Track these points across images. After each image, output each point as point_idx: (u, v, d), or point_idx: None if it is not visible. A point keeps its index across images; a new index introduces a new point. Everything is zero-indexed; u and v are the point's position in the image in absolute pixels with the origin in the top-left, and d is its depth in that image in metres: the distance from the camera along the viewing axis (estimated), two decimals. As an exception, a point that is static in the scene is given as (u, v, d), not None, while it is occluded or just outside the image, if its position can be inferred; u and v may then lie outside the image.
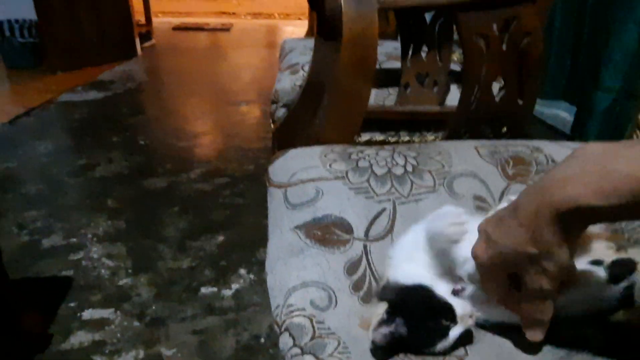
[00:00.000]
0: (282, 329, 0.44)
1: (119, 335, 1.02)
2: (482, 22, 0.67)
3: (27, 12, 3.23)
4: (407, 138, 1.06)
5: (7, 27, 3.24)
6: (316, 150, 0.65)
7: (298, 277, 0.49)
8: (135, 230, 1.41)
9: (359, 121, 0.73)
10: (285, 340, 0.43)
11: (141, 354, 0.98)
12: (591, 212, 0.32)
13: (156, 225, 1.43)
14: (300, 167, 0.62)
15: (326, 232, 0.53)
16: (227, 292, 1.15)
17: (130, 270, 1.23)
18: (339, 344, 0.41)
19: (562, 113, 2.31)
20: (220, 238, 1.37)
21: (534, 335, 0.39)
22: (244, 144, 2.06)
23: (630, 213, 0.32)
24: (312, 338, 0.42)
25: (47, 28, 3.14)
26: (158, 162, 1.87)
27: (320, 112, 0.77)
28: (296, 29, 5.53)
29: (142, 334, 1.03)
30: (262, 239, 1.32)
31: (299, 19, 7.15)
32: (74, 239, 1.36)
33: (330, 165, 0.62)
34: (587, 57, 1.89)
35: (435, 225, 0.45)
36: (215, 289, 1.16)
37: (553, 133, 2.20)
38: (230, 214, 1.50)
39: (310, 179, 0.59)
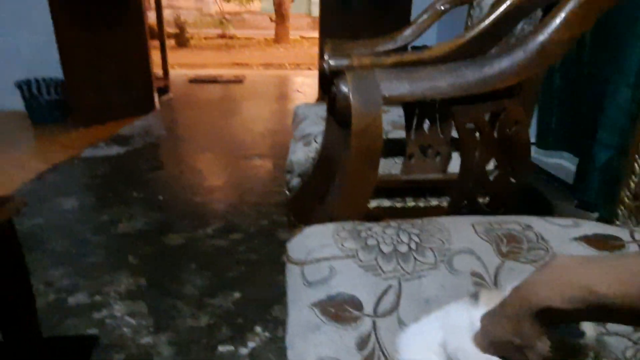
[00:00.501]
0: (302, 403, 0.50)
1: (141, 395, 1.07)
2: (474, 113, 0.75)
3: (54, 71, 3.46)
4: (412, 203, 1.14)
5: (34, 86, 3.46)
6: (329, 229, 0.73)
7: (315, 352, 0.55)
8: (155, 287, 1.48)
9: (368, 198, 0.81)
10: (305, 414, 0.48)
11: (163, 414, 1.02)
12: (558, 313, 0.39)
13: (175, 282, 1.50)
14: (316, 245, 0.69)
15: (339, 310, 0.60)
16: (244, 351, 1.20)
17: (151, 329, 1.28)
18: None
19: (564, 162, 2.38)
20: (237, 295, 1.43)
21: None
22: (257, 198, 2.15)
23: (588, 316, 0.39)
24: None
25: (73, 87, 3.34)
26: (176, 218, 1.96)
27: (332, 190, 0.85)
28: (306, 79, 5.76)
29: (163, 394, 1.07)
30: (277, 296, 1.39)
31: (309, 68, 7.45)
32: (98, 297, 1.43)
33: (342, 244, 0.69)
34: (585, 112, 1.98)
35: (454, 339, 0.50)
36: (232, 348, 1.21)
37: (556, 183, 2.26)
38: (246, 270, 1.57)
39: (324, 258, 0.67)
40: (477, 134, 0.79)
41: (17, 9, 3.58)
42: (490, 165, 0.88)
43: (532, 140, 2.29)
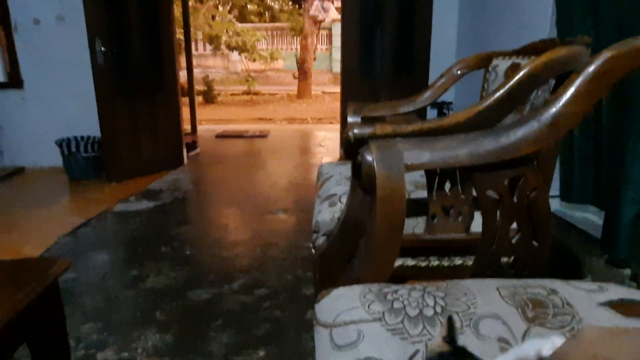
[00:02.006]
0: None
1: None
2: (494, 179, 0.79)
3: (92, 130, 3.68)
4: (436, 262, 1.15)
5: (73, 144, 3.67)
6: (356, 291, 0.76)
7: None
8: (181, 344, 1.50)
9: (393, 262, 0.83)
10: None
11: None
12: None
13: (201, 339, 1.51)
14: (343, 308, 0.72)
15: (368, 374, 0.61)
16: (269, 413, 1.19)
17: (177, 388, 1.29)
18: None
19: (590, 216, 2.36)
20: (261, 353, 1.43)
21: None
22: (281, 254, 2.18)
23: None
24: None
25: (108, 144, 3.53)
26: (202, 273, 1.99)
27: (358, 253, 0.89)
28: (328, 134, 5.91)
29: None
30: (301, 355, 1.38)
31: (331, 122, 7.67)
32: (126, 354, 1.45)
33: (368, 306, 0.71)
34: (608, 167, 1.98)
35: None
36: (258, 409, 1.21)
37: (583, 237, 2.22)
38: (270, 327, 1.57)
39: (352, 321, 0.69)
40: (497, 199, 0.82)
41: (63, 73, 3.87)
42: (513, 226, 0.91)
43: (556, 193, 2.29)
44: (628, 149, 1.72)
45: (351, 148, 0.95)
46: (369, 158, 0.81)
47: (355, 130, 1.01)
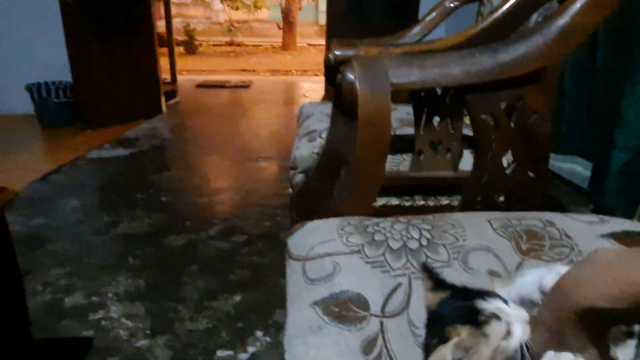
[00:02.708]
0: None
1: (135, 400, 1.02)
2: (489, 102, 0.70)
3: (64, 75, 3.46)
4: (421, 202, 1.08)
5: (44, 89, 3.46)
6: (333, 223, 0.68)
7: (316, 356, 0.50)
8: (154, 289, 1.43)
9: (375, 194, 0.76)
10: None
11: (157, 421, 0.97)
12: (603, 314, 0.33)
13: (175, 284, 1.45)
14: (318, 240, 0.64)
15: (343, 309, 0.55)
16: (243, 356, 1.15)
17: (148, 332, 1.24)
18: None
19: (578, 168, 2.32)
20: (238, 298, 1.38)
21: None
22: (262, 200, 2.11)
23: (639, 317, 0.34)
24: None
25: (82, 90, 3.34)
26: (179, 220, 1.91)
27: (337, 185, 0.81)
28: (313, 85, 5.74)
29: (158, 400, 1.02)
30: (279, 300, 1.33)
31: (316, 74, 7.44)
32: (95, 298, 1.39)
33: (347, 239, 0.64)
34: (600, 115, 1.92)
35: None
36: (231, 352, 1.16)
37: (570, 188, 2.19)
38: (248, 273, 1.52)
39: (327, 254, 0.62)
40: (493, 125, 0.74)
41: (30, 15, 3.60)
42: (507, 158, 0.83)
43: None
44: (624, 93, 1.65)
45: (333, 72, 0.85)
46: (351, 76, 0.72)
47: (337, 52, 0.90)
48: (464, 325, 0.40)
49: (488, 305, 0.40)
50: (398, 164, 1.08)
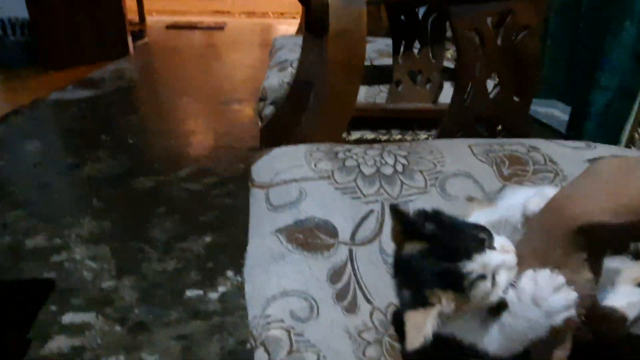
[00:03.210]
0: (258, 343, 0.40)
1: (99, 340, 0.99)
2: (476, 16, 0.63)
3: (21, 11, 3.18)
4: (398, 136, 1.03)
5: (-1, 27, 3.19)
6: (301, 149, 0.62)
7: (278, 285, 0.45)
8: (120, 231, 1.37)
9: (347, 120, 0.69)
10: (260, 356, 0.39)
11: (122, 360, 0.94)
12: (603, 229, 0.29)
13: (142, 226, 1.39)
14: (284, 166, 0.59)
15: (309, 236, 0.50)
16: (213, 296, 1.12)
17: (113, 273, 1.19)
18: (318, 358, 0.38)
19: (557, 112, 2.29)
20: (208, 239, 1.33)
21: None
22: (234, 143, 2.02)
23: None
24: (289, 352, 0.38)
25: (41, 27, 3.09)
26: (146, 162, 1.83)
27: (306, 110, 0.74)
28: (290, 28, 5.48)
29: (123, 340, 0.99)
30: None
31: (294, 17, 7.10)
32: (58, 240, 1.32)
33: (315, 165, 0.58)
34: (583, 56, 1.87)
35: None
36: (201, 292, 1.13)
37: (548, 132, 2.18)
38: (219, 214, 1.46)
39: (293, 179, 0.56)
40: (478, 44, 0.67)
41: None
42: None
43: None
44: (609, 31, 1.59)
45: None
46: (322, -17, 0.63)
47: (309, -39, 0.80)
48: (446, 290, 0.35)
49: (474, 266, 0.35)
50: (374, 95, 1.01)
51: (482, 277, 0.35)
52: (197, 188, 1.62)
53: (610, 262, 0.40)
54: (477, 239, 0.36)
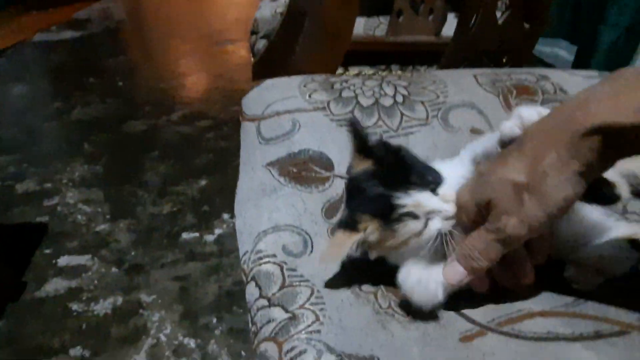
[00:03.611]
0: (249, 278, 0.38)
1: (96, 282, 0.99)
2: None
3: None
4: (399, 72, 0.98)
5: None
6: (295, 80, 0.58)
7: (270, 219, 0.43)
8: (113, 175, 1.35)
9: (343, 51, 0.65)
10: (251, 291, 0.37)
11: (119, 300, 0.94)
12: (617, 131, 0.26)
13: (135, 170, 1.36)
14: (277, 98, 0.55)
15: (302, 169, 0.47)
16: (210, 238, 1.11)
17: (107, 216, 1.17)
18: (312, 293, 0.36)
19: (562, 52, 2.21)
20: (203, 182, 1.31)
21: (453, 272, 0.33)
22: (228, 84, 1.95)
23: None
24: (282, 287, 0.37)
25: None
26: (137, 105, 1.77)
27: (300, 41, 0.69)
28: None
29: (120, 281, 0.99)
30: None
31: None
32: (49, 185, 1.30)
33: (309, 96, 0.54)
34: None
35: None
36: (197, 235, 1.12)
37: (553, 73, 2.11)
38: (213, 157, 1.43)
39: (286, 111, 0.52)
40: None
41: None
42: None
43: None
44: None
45: None
46: None
47: None
48: (375, 218, 0.34)
49: (407, 201, 0.33)
50: (373, 27, 0.95)
51: (413, 216, 0.33)
52: (191, 131, 1.58)
53: (602, 220, 0.38)
54: (423, 178, 0.35)
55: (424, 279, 0.34)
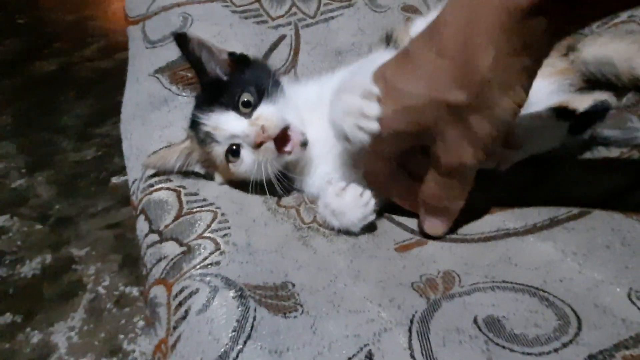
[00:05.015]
0: (138, 211, 0.31)
1: (19, 242, 0.88)
2: None
3: None
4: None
5: None
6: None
7: (161, 138, 0.35)
8: (24, 124, 1.19)
9: None
10: (140, 227, 0.30)
11: (49, 258, 0.85)
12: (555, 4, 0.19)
13: (50, 115, 1.21)
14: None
15: (199, 73, 0.38)
16: (143, 179, 1.01)
17: (23, 170, 1.04)
18: (214, 217, 0.29)
19: None
20: (130, 121, 1.18)
21: (434, 227, 0.28)
22: (148, 10, 1.74)
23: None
24: (177, 217, 0.29)
25: None
26: (43, 43, 1.55)
27: None
28: None
29: (47, 238, 0.89)
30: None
31: None
32: (-51, 143, 1.13)
33: (205, -15, 0.44)
34: None
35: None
36: (127, 177, 1.01)
37: None
38: (139, 92, 1.29)
39: (175, 4, 0.42)
40: None
41: None
42: None
43: None
44: None
45: None
46: None
47: None
48: (192, 131, 0.33)
49: (206, 121, 0.31)
50: None
51: (214, 139, 0.31)
52: (109, 65, 1.40)
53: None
54: (233, 98, 0.31)
55: (344, 207, 0.28)
